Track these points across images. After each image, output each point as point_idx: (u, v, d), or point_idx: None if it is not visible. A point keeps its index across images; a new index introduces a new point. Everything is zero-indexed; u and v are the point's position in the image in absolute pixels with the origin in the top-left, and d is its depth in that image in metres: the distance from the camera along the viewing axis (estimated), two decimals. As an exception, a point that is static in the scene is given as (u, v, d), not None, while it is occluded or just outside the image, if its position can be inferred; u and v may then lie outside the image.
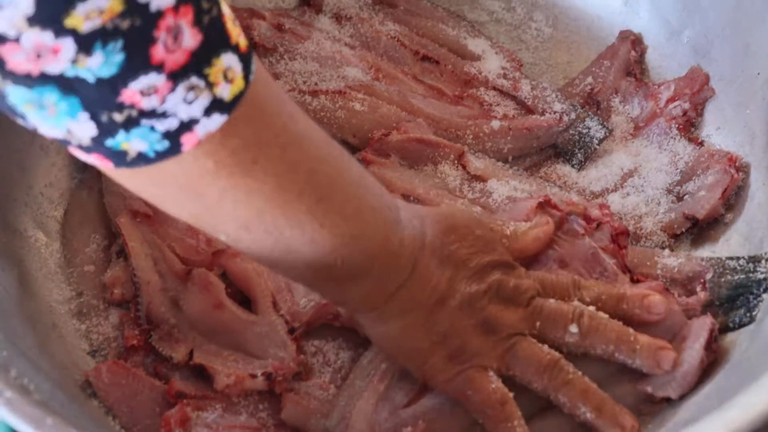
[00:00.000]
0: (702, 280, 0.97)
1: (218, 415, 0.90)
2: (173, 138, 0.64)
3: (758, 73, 1.09)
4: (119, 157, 0.65)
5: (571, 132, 1.16)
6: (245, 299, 1.00)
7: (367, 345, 0.95)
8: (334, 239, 0.77)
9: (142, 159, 0.65)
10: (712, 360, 0.90)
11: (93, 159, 0.66)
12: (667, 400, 0.88)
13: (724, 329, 0.94)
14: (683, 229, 1.07)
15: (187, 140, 0.65)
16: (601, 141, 1.15)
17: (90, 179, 1.11)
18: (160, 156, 0.65)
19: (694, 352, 0.89)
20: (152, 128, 0.63)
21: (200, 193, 0.70)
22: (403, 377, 0.91)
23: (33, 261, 1.03)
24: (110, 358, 0.96)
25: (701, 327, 0.90)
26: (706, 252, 1.05)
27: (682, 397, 0.88)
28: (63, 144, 0.66)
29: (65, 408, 0.82)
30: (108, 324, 1.00)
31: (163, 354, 0.95)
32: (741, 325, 0.94)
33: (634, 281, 0.95)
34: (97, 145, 0.64)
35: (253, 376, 0.91)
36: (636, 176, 1.12)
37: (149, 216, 1.05)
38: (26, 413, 0.73)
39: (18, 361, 0.82)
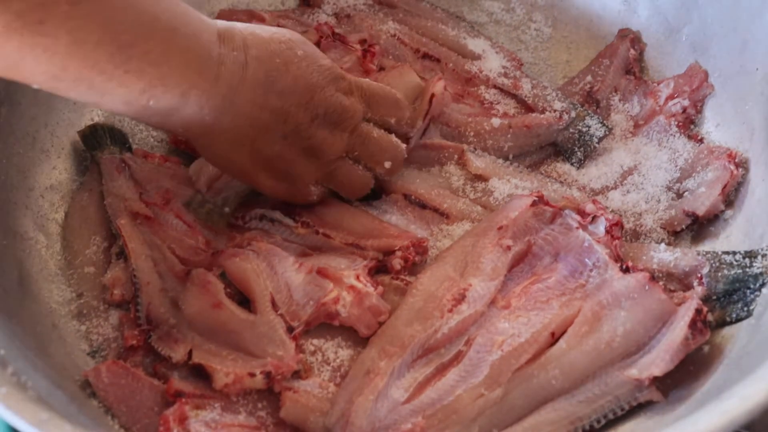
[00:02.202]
0: (699, 275, 0.97)
1: (217, 413, 0.90)
2: None
3: (757, 69, 1.09)
4: None
5: (571, 130, 1.16)
6: (244, 299, 1.00)
7: (366, 344, 0.95)
8: (141, 82, 0.84)
9: None
10: (704, 346, 0.90)
11: None
12: (657, 381, 0.89)
13: (722, 323, 0.94)
14: (683, 226, 1.07)
15: None
16: (600, 139, 1.15)
17: (90, 182, 1.12)
18: None
19: (677, 329, 0.89)
20: None
21: None
22: (402, 374, 0.91)
23: (34, 263, 1.04)
24: (110, 359, 0.96)
25: (687, 307, 0.91)
26: (706, 248, 1.05)
27: (683, 394, 0.88)
28: None
29: (65, 407, 0.83)
30: (108, 325, 1.01)
31: (162, 354, 0.95)
32: (738, 320, 0.94)
33: (625, 270, 0.95)
34: None
35: (252, 375, 0.91)
36: (636, 174, 1.12)
37: (149, 218, 1.06)
38: (22, 409, 0.74)
39: (17, 359, 0.82)
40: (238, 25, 0.95)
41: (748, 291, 0.94)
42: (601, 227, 0.99)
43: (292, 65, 0.95)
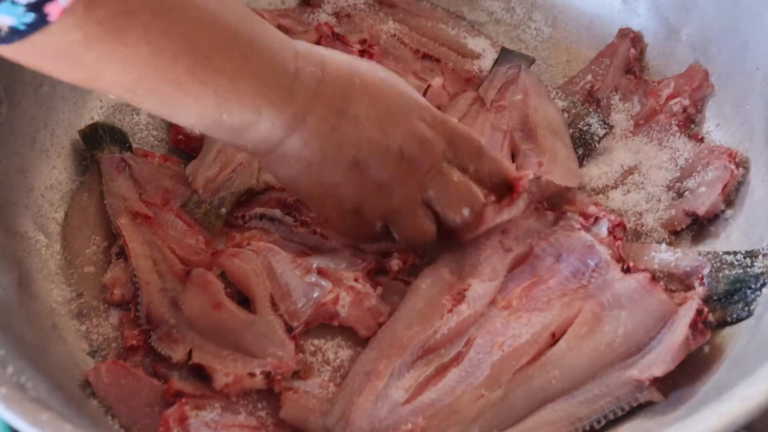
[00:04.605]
0: (700, 275, 0.97)
1: (217, 414, 0.90)
2: (37, 9, 0.68)
3: (757, 69, 1.09)
4: None
5: (571, 129, 1.16)
6: (244, 299, 1.00)
7: (366, 344, 0.95)
8: (215, 95, 0.82)
9: (15, 33, 0.70)
10: (704, 346, 0.90)
11: None
12: (657, 382, 0.88)
13: (723, 324, 0.94)
14: (683, 226, 1.07)
15: (52, 10, 0.69)
16: (601, 138, 1.15)
17: (90, 181, 1.12)
18: (31, 28, 0.70)
19: (678, 329, 0.89)
20: (13, 2, 0.67)
21: (78, 62, 0.75)
22: (402, 375, 0.91)
23: (33, 262, 1.03)
24: (110, 359, 0.96)
25: (688, 308, 0.91)
26: (706, 248, 1.05)
27: (684, 395, 0.88)
28: None
29: (64, 407, 0.83)
30: (108, 324, 1.00)
31: (162, 354, 0.95)
32: (739, 320, 0.93)
33: (627, 271, 0.95)
34: None
35: (252, 375, 0.91)
36: (636, 173, 1.12)
37: (149, 217, 1.06)
38: (21, 409, 0.74)
39: (16, 359, 0.82)
40: (318, 47, 0.91)
41: (749, 291, 0.94)
42: (603, 228, 0.99)
43: (371, 86, 0.90)
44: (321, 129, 0.89)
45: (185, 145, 1.18)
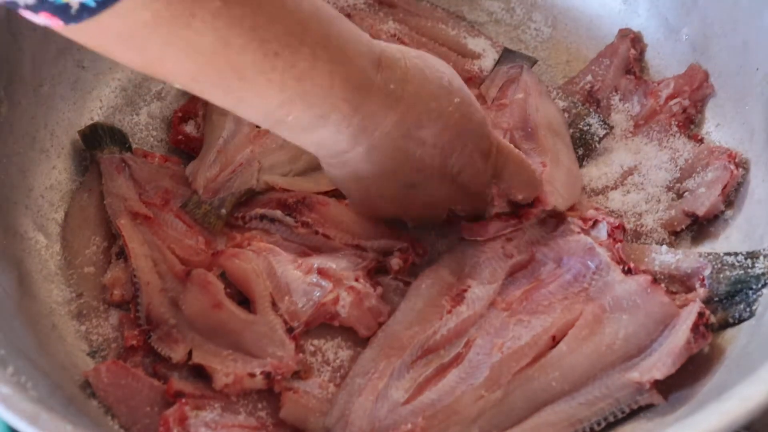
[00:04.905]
0: (701, 277, 0.97)
1: (217, 414, 0.90)
2: None
3: (757, 69, 1.09)
4: (64, 12, 0.68)
5: (572, 130, 1.16)
6: (244, 299, 1.00)
7: (366, 344, 0.95)
8: (281, 95, 0.79)
9: (86, 11, 0.68)
10: (704, 347, 0.90)
11: (43, 19, 0.69)
12: (657, 383, 0.88)
13: (724, 325, 0.94)
14: (683, 226, 1.07)
15: None
16: (602, 139, 1.15)
17: (90, 182, 1.12)
18: (101, 5, 0.68)
19: (680, 332, 0.89)
20: None
21: (144, 45, 0.74)
22: (402, 375, 0.91)
23: (33, 263, 1.03)
24: (110, 359, 0.96)
25: (690, 311, 0.91)
26: (706, 249, 1.05)
27: (684, 396, 0.88)
28: (11, 7, 0.68)
29: (64, 407, 0.83)
30: (108, 325, 1.00)
31: (162, 354, 0.95)
32: (741, 320, 0.93)
33: (627, 272, 0.95)
34: (41, 2, 0.68)
35: (252, 375, 0.91)
36: (636, 174, 1.12)
37: (149, 218, 1.06)
38: (21, 409, 0.74)
39: (17, 359, 0.82)
40: (403, 52, 0.89)
41: (751, 291, 0.94)
42: (603, 231, 0.99)
43: (446, 113, 0.88)
44: (386, 146, 0.87)
45: (185, 145, 1.18)
